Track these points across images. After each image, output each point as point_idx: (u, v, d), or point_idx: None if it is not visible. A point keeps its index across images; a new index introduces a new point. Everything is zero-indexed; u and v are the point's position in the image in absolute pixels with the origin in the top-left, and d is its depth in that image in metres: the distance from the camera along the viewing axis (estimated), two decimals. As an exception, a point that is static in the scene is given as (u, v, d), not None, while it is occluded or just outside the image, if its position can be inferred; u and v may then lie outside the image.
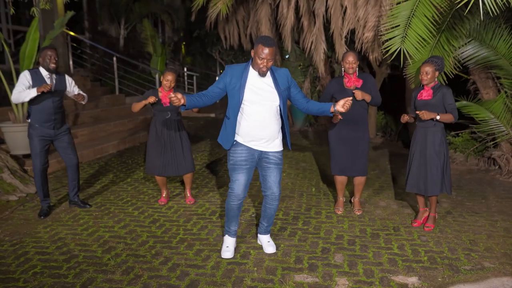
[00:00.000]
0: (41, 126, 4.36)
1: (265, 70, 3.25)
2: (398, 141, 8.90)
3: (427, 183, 4.08)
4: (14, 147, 5.80)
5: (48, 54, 4.29)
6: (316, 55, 7.11)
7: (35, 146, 4.39)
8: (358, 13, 6.02)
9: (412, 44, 4.46)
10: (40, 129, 4.37)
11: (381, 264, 3.46)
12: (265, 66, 3.23)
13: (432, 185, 4.07)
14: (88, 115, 8.54)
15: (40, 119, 4.36)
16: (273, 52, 3.22)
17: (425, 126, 4.10)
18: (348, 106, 3.28)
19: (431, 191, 4.08)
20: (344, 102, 3.28)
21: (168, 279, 3.21)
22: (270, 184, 3.48)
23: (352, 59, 4.27)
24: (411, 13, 4.36)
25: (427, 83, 4.04)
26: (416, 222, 4.27)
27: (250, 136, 3.37)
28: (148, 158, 4.79)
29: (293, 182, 5.84)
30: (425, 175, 4.09)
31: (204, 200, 5.08)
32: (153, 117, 4.81)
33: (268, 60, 3.21)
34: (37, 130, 4.36)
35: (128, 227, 4.22)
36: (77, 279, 3.21)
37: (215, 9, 6.02)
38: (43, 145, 4.43)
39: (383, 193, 5.33)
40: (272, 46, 3.20)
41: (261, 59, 3.20)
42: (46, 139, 4.43)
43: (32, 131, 4.37)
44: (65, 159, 4.62)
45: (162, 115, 4.70)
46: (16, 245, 3.79)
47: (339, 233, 4.08)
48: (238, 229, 3.92)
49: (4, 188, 4.94)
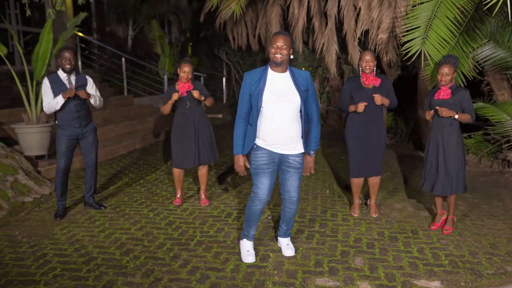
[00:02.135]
0: (68, 126, 4.40)
1: (279, 57, 3.19)
2: (408, 143, 8.85)
3: (444, 183, 4.05)
4: (27, 148, 5.79)
5: (65, 56, 4.30)
6: (328, 56, 7.07)
7: (62, 145, 4.43)
8: (372, 14, 5.99)
9: (433, 45, 4.43)
10: (67, 129, 4.41)
11: (402, 268, 3.43)
12: (279, 53, 3.19)
13: (448, 185, 4.04)
14: (98, 117, 8.52)
15: (65, 119, 4.40)
16: (287, 40, 3.20)
17: (441, 126, 4.07)
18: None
19: (444, 191, 4.05)
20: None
21: (188, 282, 3.19)
22: (289, 188, 3.46)
23: (369, 57, 4.26)
24: (432, 14, 4.32)
25: (446, 83, 4.01)
26: (434, 225, 4.24)
27: (270, 139, 3.33)
28: (173, 152, 4.79)
29: (306, 184, 5.81)
30: (442, 175, 4.06)
31: (218, 202, 5.06)
32: (175, 110, 4.82)
33: (281, 48, 3.17)
34: (65, 131, 4.42)
35: (145, 229, 4.20)
36: (98, 281, 3.19)
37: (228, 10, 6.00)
38: (69, 145, 4.46)
39: (397, 195, 5.30)
40: (285, 35, 3.22)
41: (275, 47, 3.19)
42: (73, 138, 4.47)
43: (61, 132, 4.44)
44: (86, 159, 4.63)
45: (181, 106, 4.70)
46: (34, 247, 3.78)
47: (357, 236, 4.06)
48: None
49: (19, 189, 4.94)
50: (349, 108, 4.42)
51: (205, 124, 4.80)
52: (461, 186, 4.10)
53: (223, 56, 13.00)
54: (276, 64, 3.26)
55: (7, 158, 5.19)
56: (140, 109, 9.89)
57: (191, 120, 4.70)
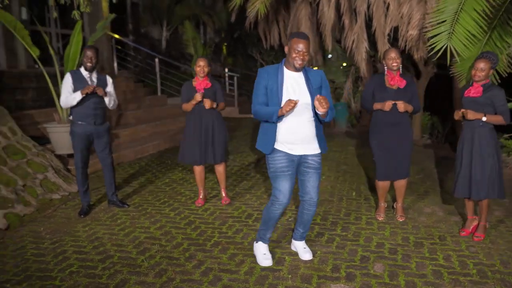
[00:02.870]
0: (82, 122, 4.46)
1: (301, 63, 3.14)
2: (445, 143, 8.48)
3: (474, 186, 3.81)
4: (58, 147, 5.97)
5: (87, 54, 4.39)
6: (358, 54, 6.87)
7: (77, 143, 4.50)
8: (402, 10, 5.74)
9: (460, 41, 4.17)
10: (81, 126, 4.47)
11: (424, 276, 3.24)
12: (301, 59, 3.13)
13: (479, 189, 3.79)
14: (131, 116, 8.71)
15: (81, 115, 4.46)
16: (308, 45, 3.15)
17: (472, 126, 3.83)
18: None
19: (477, 195, 3.81)
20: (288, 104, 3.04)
21: (200, 284, 3.15)
22: (309, 189, 3.35)
23: (394, 55, 4.07)
24: (459, 7, 4.06)
25: (479, 80, 3.77)
26: (464, 231, 4.00)
27: (287, 140, 3.24)
28: (181, 146, 4.79)
29: (332, 185, 5.66)
30: (473, 178, 3.82)
31: (240, 202, 5.01)
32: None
33: (304, 53, 3.12)
34: (78, 127, 4.47)
35: (164, 229, 4.21)
36: (111, 280, 3.21)
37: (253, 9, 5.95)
38: (84, 142, 4.53)
39: (428, 199, 5.05)
40: (307, 39, 3.14)
41: (296, 52, 3.12)
42: (86, 135, 4.52)
43: (74, 128, 4.49)
44: (101, 158, 4.70)
45: (197, 103, 4.66)
46: (56, 243, 3.86)
47: (379, 241, 3.89)
48: (273, 234, 3.82)
49: (48, 187, 5.09)
50: (373, 106, 4.23)
51: (219, 122, 4.75)
52: (496, 191, 3.83)
53: (257, 56, 12.97)
54: (297, 69, 3.21)
55: (38, 156, 5.36)
56: (173, 109, 10.00)
57: (205, 117, 4.66)
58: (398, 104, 4.08)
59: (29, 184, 4.89)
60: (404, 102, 4.07)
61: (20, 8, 8.01)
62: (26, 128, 6.36)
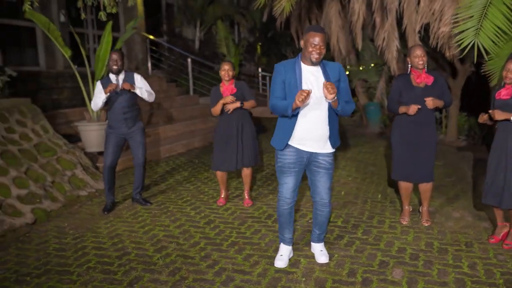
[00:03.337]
0: (115, 125, 4.59)
1: (318, 57, 3.08)
2: (482, 145, 8.08)
3: (504, 194, 3.59)
4: (88, 144, 6.15)
5: (112, 57, 4.49)
6: (388, 52, 6.66)
7: (108, 143, 4.64)
8: (433, 6, 5.50)
9: (489, 37, 3.94)
10: (114, 128, 4.61)
11: (445, 284, 3.09)
12: (317, 53, 3.07)
13: (509, 197, 3.57)
14: (163, 115, 8.86)
15: (113, 118, 4.62)
16: (324, 38, 3.10)
17: (506, 129, 3.62)
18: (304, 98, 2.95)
19: (506, 204, 3.58)
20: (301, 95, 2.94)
21: (212, 284, 3.14)
22: (320, 189, 3.27)
23: (420, 52, 3.91)
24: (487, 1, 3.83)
25: (511, 82, 3.56)
26: (494, 238, 3.79)
27: (300, 136, 3.19)
28: (214, 154, 4.80)
29: (358, 187, 5.51)
30: (503, 185, 3.60)
31: (262, 202, 4.97)
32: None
33: (320, 47, 3.06)
34: (113, 129, 4.63)
35: (183, 227, 4.24)
36: (125, 276, 3.26)
37: (279, 7, 5.89)
38: (116, 143, 4.64)
39: (458, 203, 4.83)
40: (323, 33, 3.09)
41: (313, 46, 3.06)
42: (120, 137, 4.66)
43: (109, 130, 4.66)
44: (134, 157, 4.80)
45: (224, 107, 4.65)
46: (77, 239, 3.97)
47: (401, 246, 3.74)
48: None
49: (76, 183, 5.24)
50: (399, 109, 4.09)
51: (249, 126, 4.72)
52: None
53: (290, 55, 12.88)
54: (314, 64, 3.14)
55: (68, 153, 5.53)
56: (204, 108, 10.07)
57: (234, 121, 4.64)
58: (426, 101, 3.90)
59: (57, 181, 5.05)
60: (432, 98, 3.90)
61: (58, 11, 8.31)
62: (60, 127, 6.60)
